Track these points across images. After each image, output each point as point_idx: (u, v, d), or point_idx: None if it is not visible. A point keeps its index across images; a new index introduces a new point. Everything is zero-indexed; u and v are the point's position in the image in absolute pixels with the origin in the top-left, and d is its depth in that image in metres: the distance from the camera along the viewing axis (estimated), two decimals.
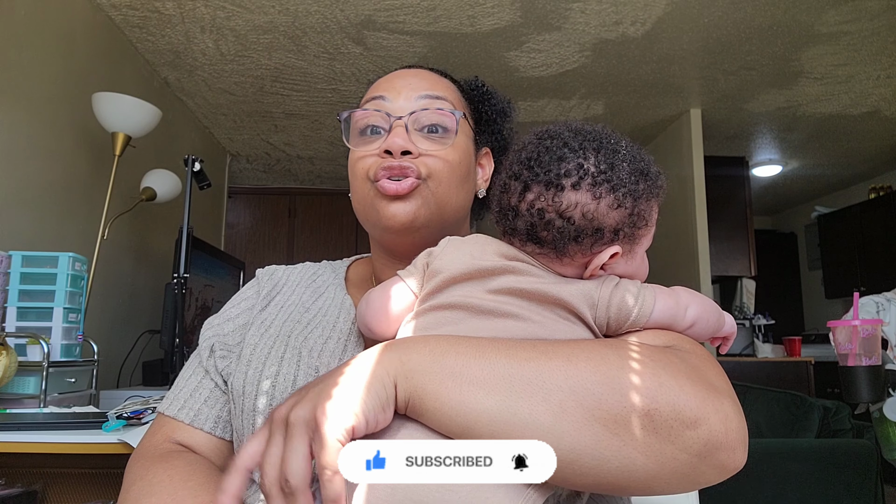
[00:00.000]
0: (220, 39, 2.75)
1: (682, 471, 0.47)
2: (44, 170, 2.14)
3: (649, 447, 0.46)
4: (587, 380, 0.47)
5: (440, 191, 0.69)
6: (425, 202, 0.68)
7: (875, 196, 4.79)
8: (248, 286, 0.79)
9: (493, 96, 0.81)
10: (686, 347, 0.55)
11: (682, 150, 3.72)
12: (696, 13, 2.56)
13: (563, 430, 0.45)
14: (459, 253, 0.59)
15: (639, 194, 0.56)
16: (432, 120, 0.70)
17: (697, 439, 0.46)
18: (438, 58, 2.89)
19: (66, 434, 1.22)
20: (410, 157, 0.68)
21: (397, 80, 0.73)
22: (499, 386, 0.46)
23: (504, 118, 0.82)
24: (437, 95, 0.72)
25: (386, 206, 0.67)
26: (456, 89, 0.77)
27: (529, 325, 0.53)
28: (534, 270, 0.56)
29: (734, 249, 3.99)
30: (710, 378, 0.51)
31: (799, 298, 6.02)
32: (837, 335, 1.90)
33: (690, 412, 0.46)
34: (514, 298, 0.54)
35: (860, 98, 3.41)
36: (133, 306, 2.79)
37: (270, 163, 4.55)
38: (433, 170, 0.69)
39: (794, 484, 2.01)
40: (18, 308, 1.64)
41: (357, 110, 0.72)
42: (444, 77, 0.77)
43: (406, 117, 0.69)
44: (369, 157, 0.69)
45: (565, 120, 0.62)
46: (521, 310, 0.53)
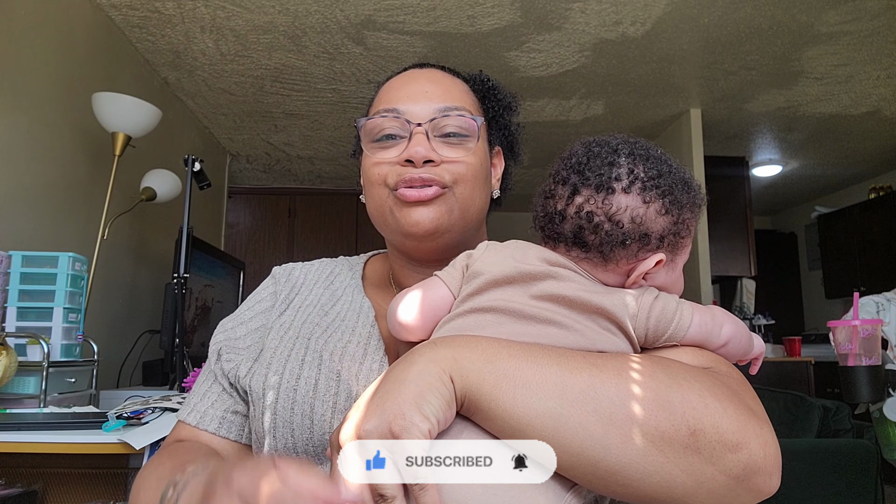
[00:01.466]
0: (220, 39, 2.75)
1: (719, 492, 0.47)
2: (44, 170, 2.14)
3: (691, 466, 0.46)
4: (636, 395, 0.47)
5: (465, 196, 0.68)
6: (449, 209, 0.67)
7: (875, 196, 4.79)
8: (265, 286, 0.77)
9: (500, 91, 0.79)
10: (724, 370, 0.56)
11: (682, 150, 3.72)
12: (696, 13, 2.56)
13: (611, 442, 0.46)
14: (500, 256, 0.58)
15: (683, 203, 0.58)
16: (453, 126, 0.68)
17: (738, 462, 0.47)
18: (438, 58, 2.88)
19: (66, 434, 1.22)
20: (432, 166, 0.66)
21: (413, 85, 0.71)
22: (552, 392, 0.47)
23: (511, 113, 0.80)
24: (456, 105, 0.69)
25: (408, 212, 0.66)
26: (470, 90, 0.75)
27: (571, 333, 0.53)
28: (576, 277, 0.56)
29: (734, 249, 3.99)
30: (748, 403, 0.52)
31: (799, 298, 6.02)
32: (837, 335, 1.90)
33: (733, 436, 0.47)
34: (556, 306, 0.54)
35: (860, 98, 3.41)
36: (133, 306, 2.79)
37: (270, 163, 4.55)
38: (458, 176, 0.67)
39: (794, 484, 2.01)
40: (18, 308, 1.64)
41: (372, 118, 0.70)
42: (457, 78, 0.76)
43: (426, 124, 0.67)
44: (386, 164, 0.67)
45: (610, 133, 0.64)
46: (562, 318, 0.53)
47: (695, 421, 0.47)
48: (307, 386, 0.61)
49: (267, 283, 0.77)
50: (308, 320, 0.69)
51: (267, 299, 0.75)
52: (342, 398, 0.61)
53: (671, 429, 0.46)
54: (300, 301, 0.73)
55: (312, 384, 0.61)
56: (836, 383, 4.04)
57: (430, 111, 0.68)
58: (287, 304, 0.72)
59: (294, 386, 0.62)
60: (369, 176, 0.69)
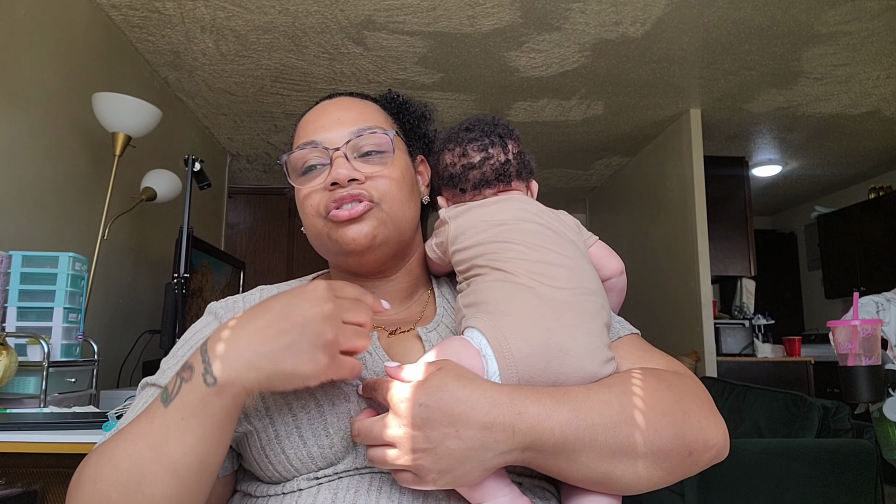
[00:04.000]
0: (220, 39, 2.75)
1: (686, 475, 0.61)
2: (44, 170, 2.14)
3: (679, 472, 0.60)
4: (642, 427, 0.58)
5: (394, 210, 0.72)
6: (381, 223, 0.71)
7: (875, 196, 4.78)
8: (204, 323, 0.74)
9: (410, 104, 0.85)
10: (681, 371, 0.68)
11: (682, 150, 3.72)
12: (695, 13, 2.56)
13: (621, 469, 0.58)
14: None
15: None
16: (370, 144, 0.73)
17: (709, 457, 0.61)
18: (438, 58, 2.88)
19: (66, 434, 1.22)
20: (358, 184, 0.70)
21: (325, 115, 0.75)
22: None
23: (426, 122, 0.86)
24: (369, 125, 0.74)
25: (343, 232, 0.70)
26: (381, 109, 0.80)
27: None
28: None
29: (734, 249, 3.99)
30: (712, 401, 0.64)
31: (799, 298, 6.02)
32: (837, 335, 1.90)
33: (712, 440, 0.60)
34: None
35: (860, 98, 3.41)
36: (133, 306, 2.79)
37: (270, 163, 4.55)
38: (383, 191, 0.71)
39: (794, 484, 2.01)
40: (18, 308, 1.64)
41: (294, 152, 0.74)
42: (366, 100, 0.80)
43: (344, 147, 0.71)
44: (316, 192, 0.71)
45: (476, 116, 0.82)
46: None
47: (693, 442, 0.59)
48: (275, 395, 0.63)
49: (206, 320, 0.74)
50: None
51: (205, 330, 0.72)
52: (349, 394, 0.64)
53: (681, 450, 0.58)
54: None
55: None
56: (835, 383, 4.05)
57: (345, 135, 0.72)
58: None
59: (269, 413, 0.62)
60: (304, 208, 0.73)
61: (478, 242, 0.69)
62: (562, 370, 0.59)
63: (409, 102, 0.84)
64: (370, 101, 0.80)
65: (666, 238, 4.03)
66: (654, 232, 4.24)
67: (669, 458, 0.58)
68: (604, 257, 0.77)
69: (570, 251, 0.69)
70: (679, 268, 3.81)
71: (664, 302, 4.00)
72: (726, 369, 3.64)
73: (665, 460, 0.57)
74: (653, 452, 0.57)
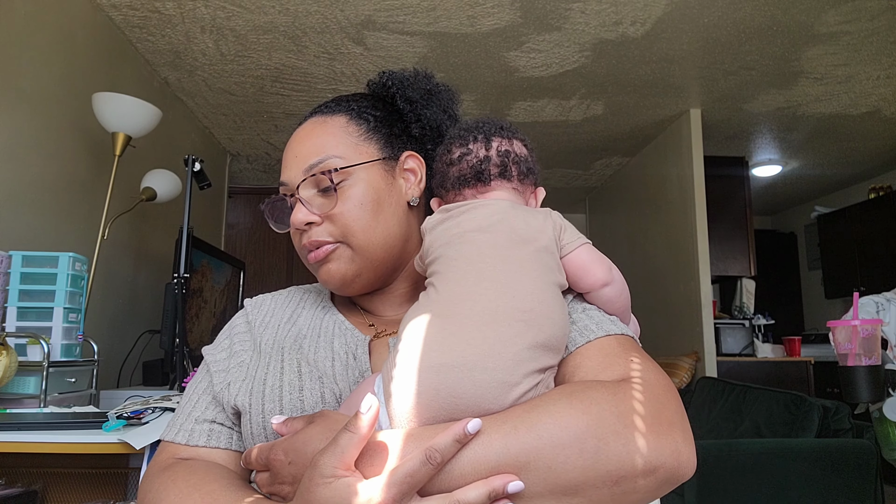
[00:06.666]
0: (220, 39, 2.75)
1: (636, 501, 0.53)
2: (44, 170, 2.14)
3: (613, 499, 0.51)
4: (561, 461, 0.51)
5: (360, 244, 0.71)
6: (349, 259, 0.72)
7: (875, 196, 4.78)
8: (239, 317, 0.81)
9: (407, 86, 0.80)
10: (649, 378, 0.58)
11: (682, 150, 3.72)
12: (695, 13, 2.56)
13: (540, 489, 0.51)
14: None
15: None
16: (324, 181, 0.72)
17: (654, 482, 0.52)
18: (438, 58, 2.89)
19: (66, 434, 1.22)
20: (316, 226, 0.72)
21: (289, 152, 0.76)
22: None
23: (432, 98, 0.81)
24: (320, 158, 0.72)
25: (319, 273, 0.74)
26: (348, 120, 0.75)
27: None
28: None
29: (734, 249, 3.99)
30: (668, 414, 0.55)
31: (799, 298, 6.02)
32: (837, 335, 1.90)
33: (650, 464, 0.51)
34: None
35: (860, 98, 3.41)
36: (133, 306, 2.79)
37: (270, 163, 4.55)
38: (343, 226, 0.71)
39: (794, 484, 2.01)
40: (18, 308, 1.64)
41: (275, 198, 0.78)
42: (335, 115, 0.76)
43: (298, 190, 0.72)
44: (295, 233, 0.75)
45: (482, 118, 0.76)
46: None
47: (618, 470, 0.51)
48: (291, 391, 0.65)
49: (240, 314, 0.81)
50: (286, 338, 0.73)
51: (240, 326, 0.78)
52: (328, 395, 0.65)
53: (597, 481, 0.50)
54: (275, 323, 0.76)
55: (298, 388, 0.65)
56: (835, 383, 4.06)
57: (299, 175, 0.73)
58: (263, 328, 0.76)
59: (279, 395, 0.65)
60: (294, 244, 0.77)
61: (434, 258, 0.64)
62: (457, 390, 0.53)
63: (406, 84, 0.80)
64: (340, 112, 0.76)
65: (666, 238, 4.03)
66: (653, 232, 4.24)
67: (581, 492, 0.50)
68: (582, 267, 0.66)
69: (517, 258, 0.62)
70: (679, 268, 3.81)
71: (664, 302, 4.00)
72: (726, 369, 3.65)
73: (576, 495, 0.50)
74: (552, 492, 0.50)
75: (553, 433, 0.51)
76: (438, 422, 0.53)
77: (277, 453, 0.56)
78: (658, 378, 0.59)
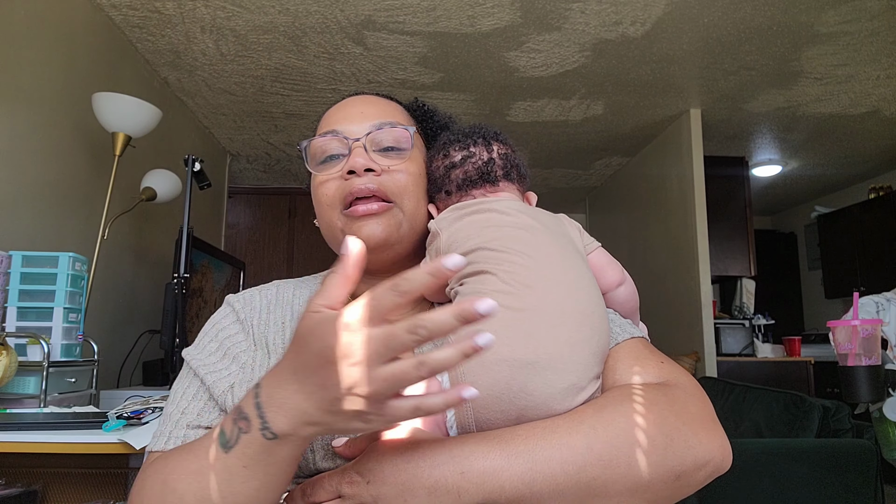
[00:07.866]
0: (220, 39, 2.75)
1: (683, 494, 0.58)
2: (44, 170, 2.14)
3: (671, 493, 0.56)
4: (629, 455, 0.55)
5: (411, 209, 0.72)
6: (398, 223, 0.70)
7: (875, 196, 4.78)
8: (223, 314, 0.75)
9: (436, 113, 0.84)
10: (683, 381, 0.64)
11: (682, 150, 3.72)
12: (695, 13, 2.56)
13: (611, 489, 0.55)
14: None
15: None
16: (389, 139, 0.72)
17: (705, 475, 0.57)
18: (438, 58, 2.88)
19: (66, 434, 1.22)
20: (374, 175, 0.70)
21: (349, 108, 0.75)
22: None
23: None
24: (389, 120, 0.74)
25: (359, 227, 0.69)
26: (404, 110, 0.80)
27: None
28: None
29: (734, 249, 3.99)
30: (710, 413, 0.61)
31: (799, 298, 6.02)
32: (837, 335, 1.90)
33: (704, 458, 0.56)
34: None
35: (860, 98, 3.41)
36: (133, 306, 2.79)
37: (270, 163, 4.55)
38: (400, 186, 0.71)
39: (794, 484, 2.01)
40: (18, 308, 1.64)
41: (315, 138, 0.74)
42: (391, 100, 0.80)
43: (363, 138, 0.71)
44: (331, 181, 0.71)
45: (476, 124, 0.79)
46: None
47: (680, 466, 0.55)
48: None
49: (225, 311, 0.75)
50: (278, 334, 0.71)
51: (230, 327, 0.73)
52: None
53: (664, 476, 0.55)
54: (278, 320, 0.73)
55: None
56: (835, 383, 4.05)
57: (365, 127, 0.72)
58: (265, 326, 0.72)
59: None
60: (318, 197, 0.73)
61: (470, 249, 0.64)
62: (528, 387, 0.54)
63: (434, 112, 0.84)
64: (395, 101, 0.80)
65: (666, 238, 4.03)
66: (653, 232, 4.24)
67: (651, 487, 0.54)
68: (600, 268, 0.70)
69: (570, 257, 0.64)
70: (679, 268, 3.81)
71: (664, 302, 4.00)
72: (726, 369, 3.65)
73: (647, 491, 0.54)
74: (629, 489, 0.54)
75: (629, 432, 0.54)
76: (506, 417, 0.55)
77: (352, 476, 0.54)
78: (690, 379, 0.65)
